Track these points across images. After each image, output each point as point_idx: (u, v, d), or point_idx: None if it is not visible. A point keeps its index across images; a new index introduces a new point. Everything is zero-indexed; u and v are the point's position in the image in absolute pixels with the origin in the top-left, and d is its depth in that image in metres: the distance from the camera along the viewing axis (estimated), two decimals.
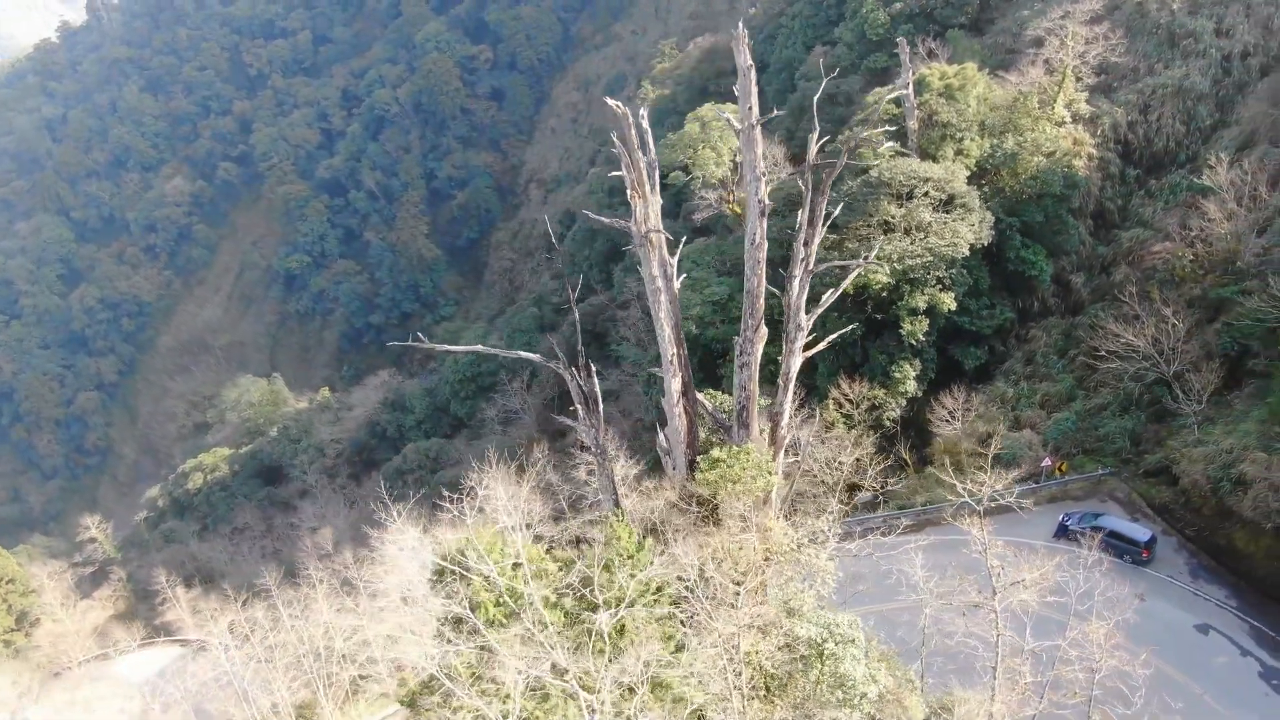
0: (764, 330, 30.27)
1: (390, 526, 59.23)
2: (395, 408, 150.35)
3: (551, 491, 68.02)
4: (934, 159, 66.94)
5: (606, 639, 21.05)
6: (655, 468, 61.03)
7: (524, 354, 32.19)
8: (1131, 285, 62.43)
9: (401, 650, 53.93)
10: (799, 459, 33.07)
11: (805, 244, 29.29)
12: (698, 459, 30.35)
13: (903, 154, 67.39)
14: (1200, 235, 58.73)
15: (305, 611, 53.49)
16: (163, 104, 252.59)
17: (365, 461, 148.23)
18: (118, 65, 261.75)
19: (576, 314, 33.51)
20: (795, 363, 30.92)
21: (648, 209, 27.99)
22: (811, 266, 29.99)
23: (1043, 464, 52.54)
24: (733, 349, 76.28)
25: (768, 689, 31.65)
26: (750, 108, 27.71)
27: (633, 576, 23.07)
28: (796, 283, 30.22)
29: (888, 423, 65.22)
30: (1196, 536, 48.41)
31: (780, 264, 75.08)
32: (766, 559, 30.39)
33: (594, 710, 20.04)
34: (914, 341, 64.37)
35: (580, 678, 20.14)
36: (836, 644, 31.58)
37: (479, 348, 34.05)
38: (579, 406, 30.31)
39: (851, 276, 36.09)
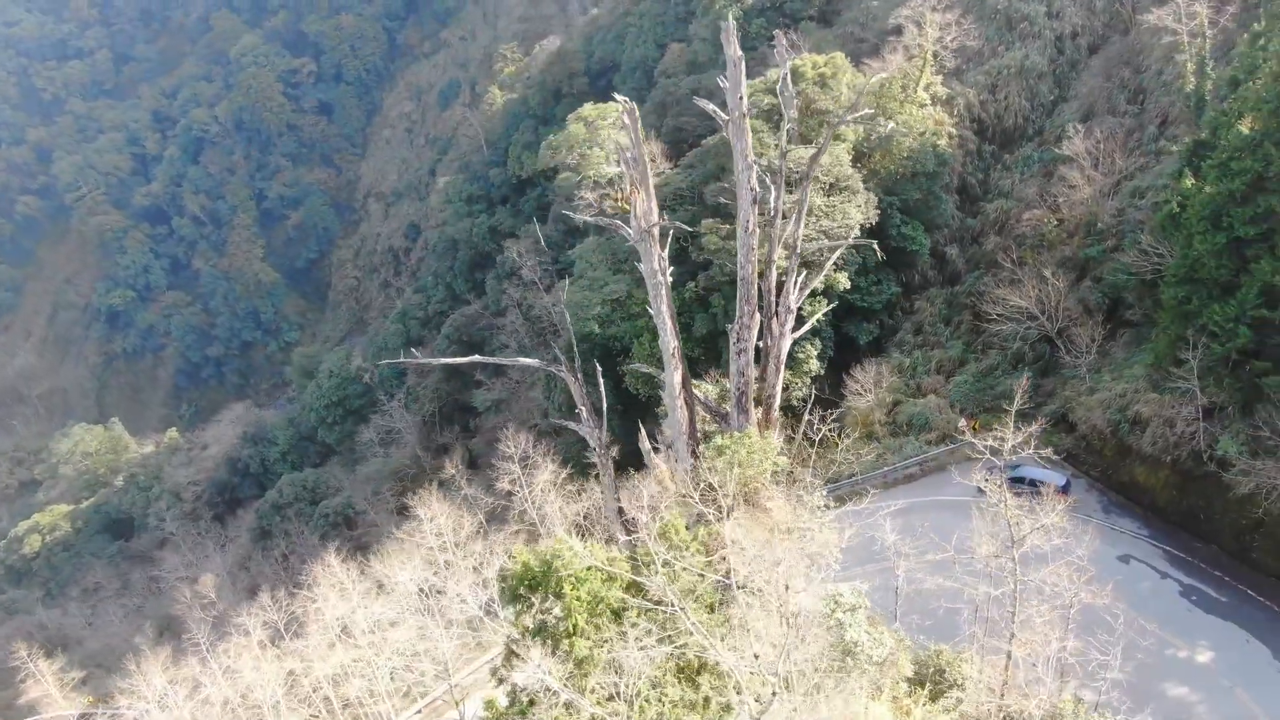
0: (758, 316, 30.85)
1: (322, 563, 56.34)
2: (256, 441, 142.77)
3: (470, 504, 66.46)
4: (811, 144, 69.56)
5: (791, 624, 21.02)
6: (581, 472, 60.99)
7: (523, 360, 31.45)
8: (1004, 252, 67.04)
9: (349, 689, 51.58)
10: (797, 438, 33.93)
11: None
12: (699, 448, 30.60)
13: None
14: (1065, 201, 63.70)
15: (240, 662, 50.20)
16: None
17: (229, 501, 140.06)
18: None
19: (568, 316, 32.95)
20: (785, 345, 31.67)
21: (649, 203, 27.98)
22: (799, 250, 30.78)
23: (961, 425, 55.63)
24: (634, 345, 75.90)
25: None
26: (741, 98, 28.15)
27: (686, 569, 23.14)
28: (776, 269, 30.91)
29: (795, 402, 67.37)
30: (1102, 476, 52.59)
31: (674, 259, 75.72)
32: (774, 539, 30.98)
33: (777, 693, 19.95)
34: (815, 322, 66.72)
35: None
36: (844, 612, 32.62)
37: (476, 358, 32.96)
38: (582, 410, 29.94)
39: (834, 256, 37.16)
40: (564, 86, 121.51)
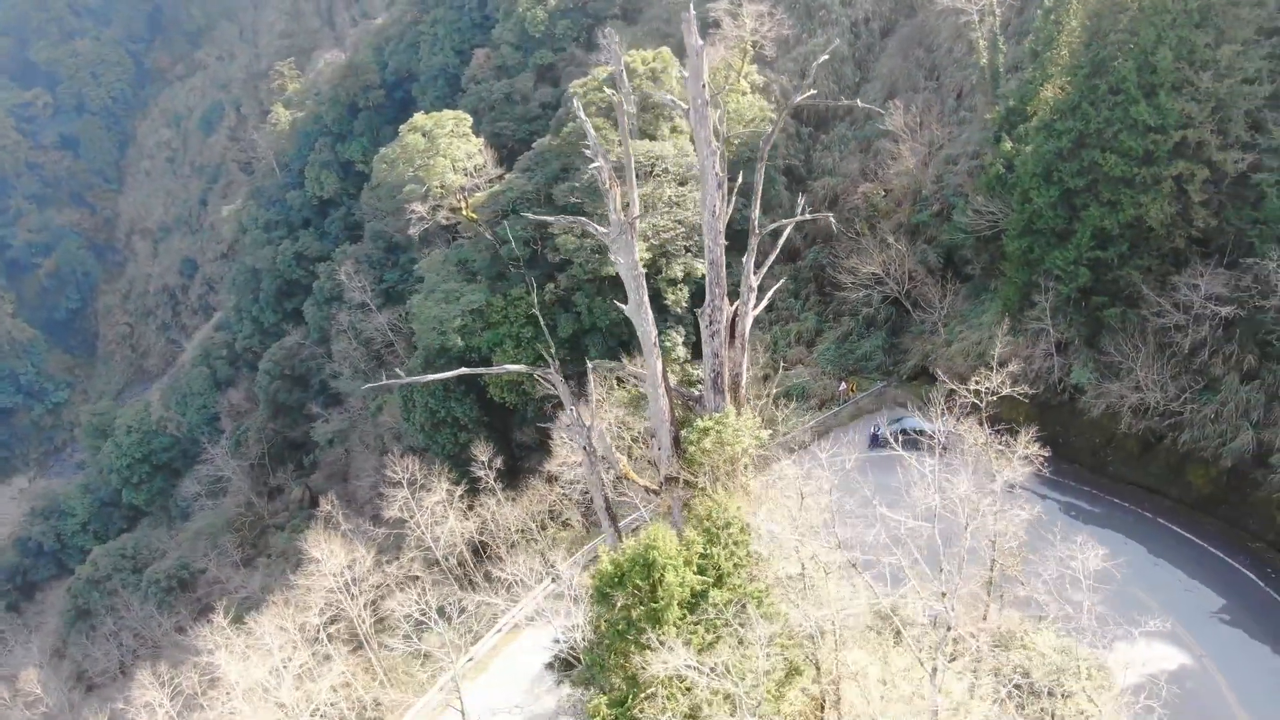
0: (728, 299, 31.65)
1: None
2: (47, 516, 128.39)
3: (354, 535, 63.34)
4: (653, 138, 71.21)
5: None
6: (470, 490, 59.82)
7: (510, 367, 30.40)
8: (840, 226, 71.40)
9: None
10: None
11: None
12: (682, 433, 31.01)
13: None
14: (893, 172, 68.73)
15: None
16: None
17: (24, 586, 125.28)
18: None
19: (540, 314, 32.22)
20: (748, 323, 32.69)
21: (632, 194, 27.95)
22: (756, 230, 31.85)
23: (840, 389, 59.08)
24: (495, 354, 74.48)
25: None
26: (703, 85, 28.74)
27: (746, 552, 23.67)
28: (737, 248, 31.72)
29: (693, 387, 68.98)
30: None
31: (532, 265, 75.09)
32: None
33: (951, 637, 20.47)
34: (678, 309, 68.54)
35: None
36: (816, 569, 34.15)
37: (463, 370, 31.30)
38: (573, 410, 29.61)
39: (785, 234, 38.50)
40: (359, 100, 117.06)
